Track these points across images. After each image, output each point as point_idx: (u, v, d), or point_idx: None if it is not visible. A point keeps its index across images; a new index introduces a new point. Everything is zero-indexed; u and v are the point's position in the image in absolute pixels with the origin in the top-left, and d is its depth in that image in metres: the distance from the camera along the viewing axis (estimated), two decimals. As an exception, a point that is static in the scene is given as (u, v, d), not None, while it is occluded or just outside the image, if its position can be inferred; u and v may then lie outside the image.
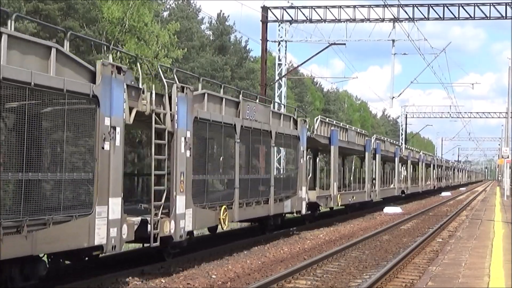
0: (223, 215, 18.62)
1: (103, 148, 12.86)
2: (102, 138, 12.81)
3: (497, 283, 12.51)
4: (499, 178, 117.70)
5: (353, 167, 46.51)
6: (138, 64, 17.06)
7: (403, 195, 55.10)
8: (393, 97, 48.67)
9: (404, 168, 58.24)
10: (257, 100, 22.76)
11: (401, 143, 75.20)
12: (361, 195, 38.74)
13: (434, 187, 76.16)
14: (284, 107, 38.72)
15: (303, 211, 26.13)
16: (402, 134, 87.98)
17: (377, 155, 42.87)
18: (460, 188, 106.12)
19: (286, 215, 26.62)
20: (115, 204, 13.18)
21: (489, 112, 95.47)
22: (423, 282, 12.85)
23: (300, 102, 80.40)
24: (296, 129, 26.13)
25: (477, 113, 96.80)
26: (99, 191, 12.74)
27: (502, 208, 40.31)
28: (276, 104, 34.61)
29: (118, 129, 13.26)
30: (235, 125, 19.79)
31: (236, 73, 65.43)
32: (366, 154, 40.21)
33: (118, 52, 43.82)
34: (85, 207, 12.60)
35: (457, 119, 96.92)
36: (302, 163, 26.19)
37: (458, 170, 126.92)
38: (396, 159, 51.51)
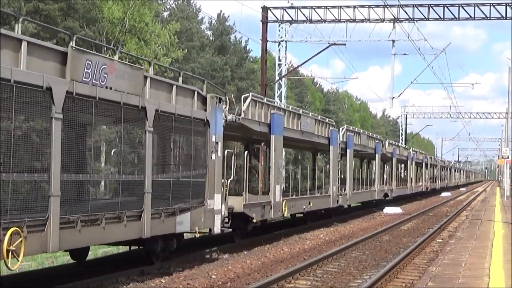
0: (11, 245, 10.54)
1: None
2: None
3: (497, 283, 12.51)
4: (499, 178, 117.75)
5: (314, 166, 37.08)
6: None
7: (386, 198, 48.25)
8: (393, 97, 48.81)
9: (389, 167, 50.74)
10: (116, 56, 14.62)
11: (401, 143, 75.18)
12: (323, 200, 30.77)
13: (427, 188, 69.70)
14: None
15: (216, 229, 18.23)
16: (402, 135, 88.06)
17: (348, 151, 34.79)
18: (460, 189, 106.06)
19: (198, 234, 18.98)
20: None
21: (489, 113, 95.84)
22: (423, 282, 12.85)
23: (300, 102, 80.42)
24: (205, 110, 17.58)
25: (477, 113, 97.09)
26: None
27: (502, 208, 40.32)
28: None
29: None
30: (51, 89, 11.53)
31: (236, 73, 65.45)
32: (331, 148, 31.68)
33: (119, 53, 43.90)
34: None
35: (457, 119, 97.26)
36: (215, 160, 17.92)
37: (455, 170, 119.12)
38: (377, 156, 43.37)
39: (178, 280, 15.01)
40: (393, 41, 44.72)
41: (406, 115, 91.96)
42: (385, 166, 49.72)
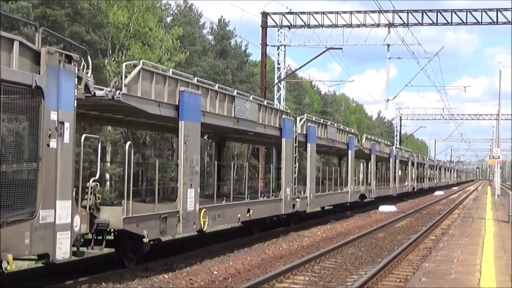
0: None
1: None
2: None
3: (488, 279, 12.52)
4: (490, 178, 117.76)
5: (264, 163, 33.19)
6: None
7: (363, 200, 41.29)
8: (388, 100, 48.71)
9: (365, 165, 44.20)
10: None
11: (396, 144, 75.16)
12: (271, 206, 23.68)
13: (414, 188, 63.67)
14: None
15: (61, 254, 11.95)
16: (396, 135, 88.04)
17: (309, 145, 27.93)
18: (453, 188, 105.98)
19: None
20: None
21: (480, 114, 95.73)
22: (417, 278, 12.86)
23: (298, 104, 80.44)
24: (38, 72, 11.41)
25: (469, 115, 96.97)
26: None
27: (493, 206, 40.32)
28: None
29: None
30: None
31: (237, 76, 65.45)
32: (284, 141, 24.42)
33: (124, 56, 44.02)
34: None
35: (450, 121, 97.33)
36: (57, 149, 11.81)
37: (445, 169, 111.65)
38: (350, 153, 36.25)
39: (181, 276, 15.01)
40: (388, 45, 44.68)
41: (401, 117, 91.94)
42: (365, 164, 44.07)
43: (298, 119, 27.49)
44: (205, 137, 24.75)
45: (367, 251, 20.66)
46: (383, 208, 41.27)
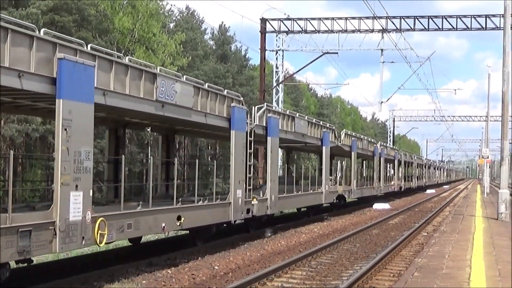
0: None
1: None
2: None
3: (478, 274, 12.50)
4: (480, 177, 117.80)
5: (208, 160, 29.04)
6: None
7: (341, 202, 36.54)
8: (382, 102, 48.80)
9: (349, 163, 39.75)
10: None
11: (389, 144, 75.07)
12: (213, 211, 18.59)
13: (401, 188, 58.50)
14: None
15: None
16: (390, 136, 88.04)
17: (269, 139, 22.67)
18: (444, 186, 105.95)
19: None
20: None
21: (470, 116, 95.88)
22: (409, 272, 12.83)
23: (296, 106, 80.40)
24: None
25: (460, 116, 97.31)
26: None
27: (483, 204, 40.29)
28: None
29: None
30: None
31: (237, 79, 65.46)
32: (233, 133, 19.57)
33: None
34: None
35: (441, 122, 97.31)
36: None
37: (435, 168, 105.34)
38: (325, 149, 30.83)
39: (183, 270, 14.99)
40: (382, 50, 44.75)
41: (394, 118, 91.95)
42: (343, 163, 40.40)
43: (255, 108, 22.37)
44: (149, 129, 21.59)
45: (362, 247, 20.63)
46: (377, 206, 41.25)
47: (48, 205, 11.98)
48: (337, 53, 42.68)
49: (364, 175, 47.92)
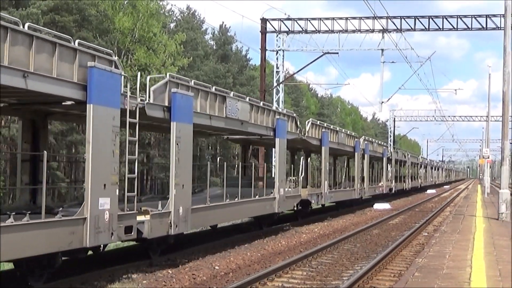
0: None
1: None
2: None
3: (479, 274, 12.49)
4: (480, 177, 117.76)
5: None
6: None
7: (307, 209, 29.63)
8: (382, 102, 48.77)
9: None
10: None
11: (390, 145, 74.95)
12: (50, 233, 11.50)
13: (391, 190, 51.60)
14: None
15: None
16: (390, 136, 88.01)
17: (175, 125, 15.55)
18: (444, 186, 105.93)
19: None
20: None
21: (471, 116, 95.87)
22: (410, 273, 12.82)
23: (296, 106, 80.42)
24: None
25: (460, 116, 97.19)
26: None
27: (483, 204, 40.28)
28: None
29: None
30: None
31: (238, 80, 65.51)
32: (90, 109, 12.25)
33: (129, 60, 44.01)
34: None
35: (441, 122, 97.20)
36: None
37: (432, 168, 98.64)
38: (278, 143, 23.57)
39: (184, 271, 14.99)
40: (382, 50, 44.69)
41: (394, 118, 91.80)
42: (305, 160, 31.39)
43: (147, 78, 16.13)
44: None
45: (362, 247, 20.63)
46: (378, 205, 41.26)
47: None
48: (337, 53, 42.68)
49: (344, 175, 41.34)
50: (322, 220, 30.30)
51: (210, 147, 64.24)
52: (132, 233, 13.84)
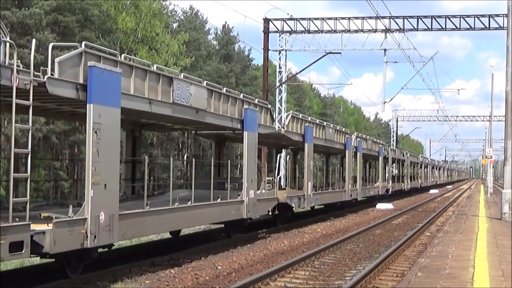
0: None
1: None
2: None
3: (482, 274, 12.47)
4: (483, 176, 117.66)
5: None
6: None
7: (288, 213, 27.17)
8: (385, 102, 48.63)
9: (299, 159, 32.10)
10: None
11: (392, 145, 74.82)
12: None
13: (387, 191, 49.04)
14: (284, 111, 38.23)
15: None
16: (393, 136, 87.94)
17: (92, 108, 12.27)
18: (447, 186, 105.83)
19: None
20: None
21: (474, 116, 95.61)
22: (413, 273, 12.81)
23: (299, 106, 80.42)
24: None
25: (463, 116, 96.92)
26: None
27: (486, 204, 40.22)
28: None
29: None
30: None
31: (240, 79, 65.52)
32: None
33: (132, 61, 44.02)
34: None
35: (444, 122, 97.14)
36: None
37: (433, 167, 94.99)
38: (246, 137, 20.35)
39: (186, 270, 14.99)
40: (385, 50, 44.59)
41: (397, 118, 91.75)
42: (282, 156, 30.84)
43: (50, 46, 12.33)
44: None
45: (365, 247, 20.61)
46: (381, 206, 41.25)
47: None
48: (340, 53, 42.61)
49: (339, 175, 38.04)
50: (324, 220, 30.29)
51: (212, 147, 64.23)
52: (23, 250, 10.47)
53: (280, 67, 44.13)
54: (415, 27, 42.29)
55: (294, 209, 27.14)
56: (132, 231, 14.44)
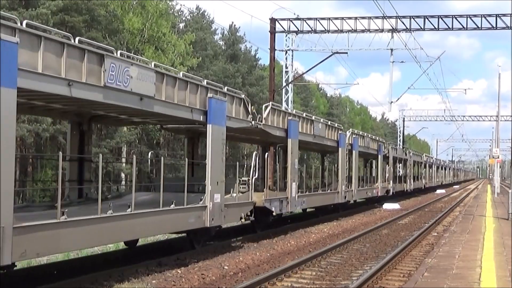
0: None
1: None
2: None
3: (489, 274, 12.45)
4: (490, 177, 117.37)
5: None
6: None
7: (269, 218, 23.29)
8: (392, 102, 48.51)
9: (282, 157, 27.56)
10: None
11: (399, 145, 74.68)
12: None
13: (388, 192, 46.14)
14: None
15: None
16: (400, 136, 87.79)
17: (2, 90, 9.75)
18: (454, 186, 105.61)
19: None
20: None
21: (480, 116, 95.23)
22: (419, 273, 12.80)
23: (305, 106, 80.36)
24: None
25: (470, 116, 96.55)
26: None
27: (493, 204, 40.13)
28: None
29: None
30: None
31: (247, 79, 65.47)
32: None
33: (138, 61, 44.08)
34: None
35: (451, 122, 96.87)
36: None
37: (438, 167, 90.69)
38: (209, 131, 17.04)
39: (193, 270, 15.00)
40: (392, 49, 44.51)
41: (404, 118, 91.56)
42: (261, 156, 26.02)
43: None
44: None
45: (371, 247, 20.59)
46: (387, 205, 41.20)
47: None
48: (346, 53, 42.54)
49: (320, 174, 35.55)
50: (331, 220, 30.26)
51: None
52: None
53: (286, 67, 44.10)
54: (422, 27, 42.19)
55: (274, 213, 22.71)
56: (38, 248, 10.97)
